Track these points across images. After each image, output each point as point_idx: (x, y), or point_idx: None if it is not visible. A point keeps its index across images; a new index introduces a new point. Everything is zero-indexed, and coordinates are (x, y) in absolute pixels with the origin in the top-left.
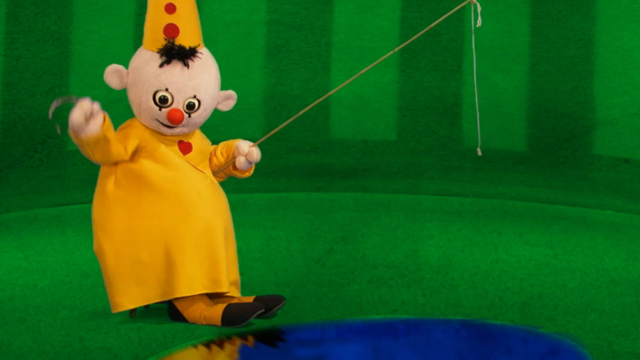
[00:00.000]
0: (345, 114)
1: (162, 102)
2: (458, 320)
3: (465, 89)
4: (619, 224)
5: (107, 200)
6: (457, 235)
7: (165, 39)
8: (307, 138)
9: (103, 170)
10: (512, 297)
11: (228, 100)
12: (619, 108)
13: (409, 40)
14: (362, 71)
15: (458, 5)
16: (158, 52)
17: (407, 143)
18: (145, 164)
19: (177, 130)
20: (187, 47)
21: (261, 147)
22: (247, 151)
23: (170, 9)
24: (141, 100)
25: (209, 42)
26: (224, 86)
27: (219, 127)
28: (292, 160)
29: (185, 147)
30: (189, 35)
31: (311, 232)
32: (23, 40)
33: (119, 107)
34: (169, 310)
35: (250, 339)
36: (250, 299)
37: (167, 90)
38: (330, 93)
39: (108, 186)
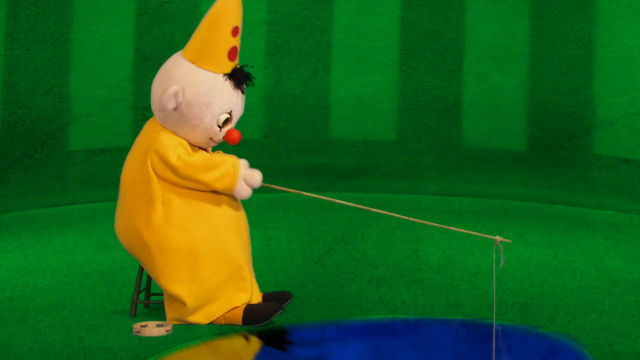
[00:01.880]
0: (345, 114)
1: (225, 123)
2: (458, 320)
3: (465, 89)
4: (619, 224)
5: (162, 223)
6: (457, 235)
7: (238, 66)
8: (307, 138)
9: (150, 195)
10: (512, 297)
11: None
12: (619, 108)
13: None
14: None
15: (483, 234)
16: (225, 76)
17: (407, 143)
18: None
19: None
20: (247, 71)
21: (262, 147)
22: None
23: (236, 32)
24: (203, 122)
25: None
26: None
27: None
28: (292, 160)
29: None
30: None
31: (311, 232)
32: (23, 40)
33: (119, 108)
34: None
35: (257, 339)
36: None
37: (230, 112)
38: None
39: (159, 208)
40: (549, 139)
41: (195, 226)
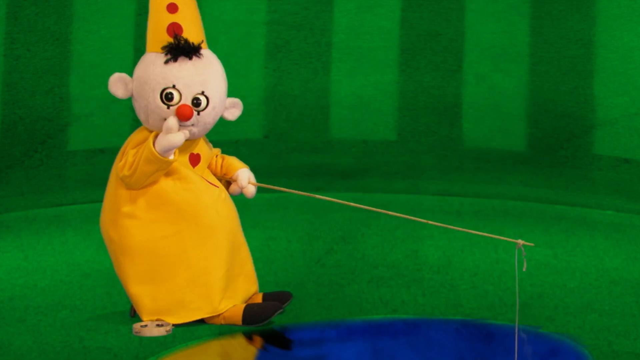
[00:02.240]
0: (345, 114)
1: (169, 99)
2: (458, 320)
3: (465, 89)
4: (619, 224)
5: (126, 220)
6: (457, 235)
7: (174, 38)
8: (307, 138)
9: (118, 191)
10: (512, 297)
11: (234, 109)
12: (619, 108)
13: None
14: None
15: (503, 236)
16: (163, 51)
17: (407, 143)
18: (163, 184)
19: (188, 128)
20: (192, 43)
21: (262, 147)
22: (244, 186)
23: (172, 8)
24: (148, 101)
25: (209, 42)
26: None
27: (218, 127)
28: (292, 160)
29: (194, 159)
30: (193, 33)
31: (311, 232)
32: (23, 40)
33: (119, 108)
34: None
35: (259, 339)
36: (258, 297)
37: (174, 87)
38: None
39: (125, 206)
40: (549, 139)
41: (158, 227)
